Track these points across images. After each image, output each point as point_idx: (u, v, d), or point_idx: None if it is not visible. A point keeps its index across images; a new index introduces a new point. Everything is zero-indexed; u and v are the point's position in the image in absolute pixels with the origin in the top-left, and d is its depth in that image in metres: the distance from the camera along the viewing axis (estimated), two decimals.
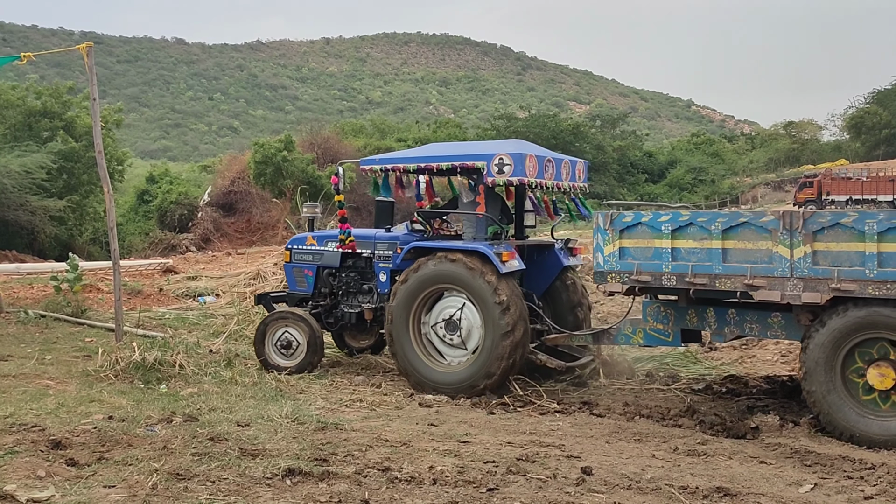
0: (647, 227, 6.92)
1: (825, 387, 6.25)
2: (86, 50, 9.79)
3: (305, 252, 9.40)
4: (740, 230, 6.53)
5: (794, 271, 6.26)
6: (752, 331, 7.03)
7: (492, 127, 63.25)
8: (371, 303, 8.87)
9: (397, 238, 8.73)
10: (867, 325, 6.12)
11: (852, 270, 6.06)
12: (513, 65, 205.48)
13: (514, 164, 7.68)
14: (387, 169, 8.46)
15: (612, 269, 7.05)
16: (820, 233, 6.21)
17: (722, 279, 6.55)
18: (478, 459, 5.50)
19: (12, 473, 4.87)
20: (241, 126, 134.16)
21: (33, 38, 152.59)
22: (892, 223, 5.95)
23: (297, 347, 8.79)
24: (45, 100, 33.84)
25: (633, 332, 7.60)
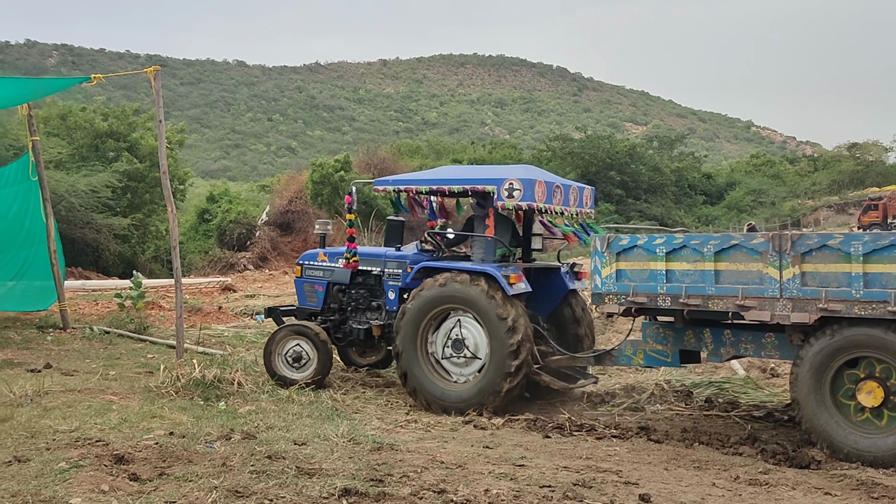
0: (642, 250, 7.11)
1: (815, 405, 6.38)
2: (153, 73, 10.06)
3: (316, 268, 9.58)
4: (732, 252, 6.70)
5: (783, 292, 6.42)
6: (748, 351, 7.18)
7: (547, 148, 63.09)
8: (379, 319, 9.08)
9: (407, 257, 8.95)
10: (854, 345, 6.24)
11: (839, 291, 6.20)
12: (569, 85, 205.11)
13: (523, 189, 7.86)
14: (399, 190, 8.69)
15: (609, 290, 7.23)
16: (808, 254, 6.36)
17: (714, 300, 6.72)
18: (534, 483, 5.45)
19: (77, 487, 4.99)
20: (298, 146, 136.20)
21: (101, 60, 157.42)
22: (876, 245, 6.09)
23: (306, 361, 8.91)
24: (111, 121, 34.87)
25: (633, 353, 7.75)
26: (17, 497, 4.79)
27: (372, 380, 9.56)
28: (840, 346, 6.30)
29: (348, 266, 9.06)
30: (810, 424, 6.46)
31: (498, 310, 7.67)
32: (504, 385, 7.69)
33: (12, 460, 5.56)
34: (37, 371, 9.40)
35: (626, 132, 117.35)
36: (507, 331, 7.62)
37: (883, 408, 6.22)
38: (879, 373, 6.24)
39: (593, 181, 55.40)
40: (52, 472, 5.28)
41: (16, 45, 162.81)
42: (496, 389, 7.72)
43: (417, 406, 8.14)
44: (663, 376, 9.40)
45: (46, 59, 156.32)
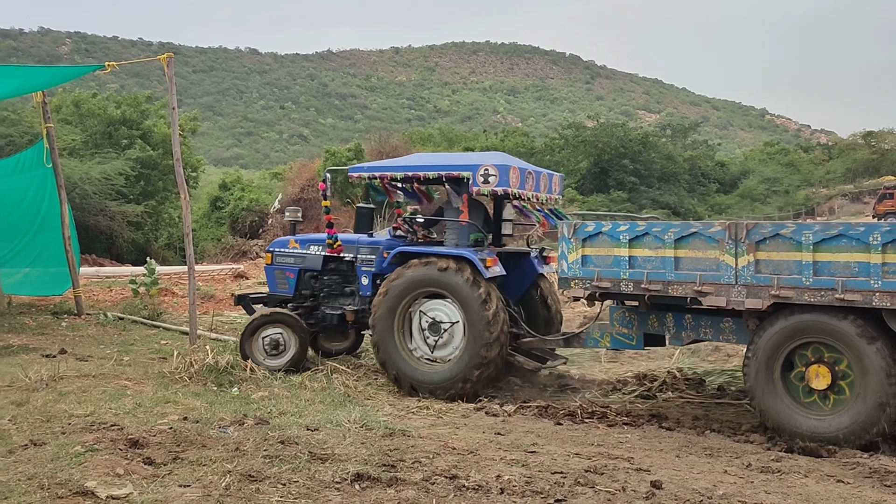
0: (607, 237, 7.34)
1: (768, 389, 6.62)
2: (166, 60, 10.08)
3: (287, 255, 9.62)
4: (691, 240, 6.93)
5: (738, 279, 6.66)
6: (707, 335, 7.42)
7: (559, 136, 62.92)
8: (353, 305, 9.13)
9: (380, 243, 9.05)
10: (804, 330, 6.48)
11: (791, 278, 6.44)
12: (581, 73, 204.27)
13: (498, 175, 7.98)
14: (374, 177, 8.74)
15: (575, 275, 7.47)
16: (762, 243, 6.58)
17: (674, 286, 6.95)
18: (545, 470, 5.47)
19: (92, 471, 5.03)
20: (311, 134, 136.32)
21: (114, 48, 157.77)
22: (826, 235, 6.32)
23: (284, 348, 8.93)
24: (124, 109, 35.00)
25: (600, 336, 7.98)
26: (34, 480, 4.84)
27: None
28: (791, 331, 6.52)
29: (333, 251, 9.12)
30: (761, 405, 6.67)
31: (475, 293, 7.83)
32: (482, 366, 7.87)
33: (28, 444, 5.61)
34: (52, 356, 9.48)
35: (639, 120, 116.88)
36: (484, 313, 7.80)
37: (829, 391, 6.45)
38: (827, 357, 6.45)
39: (606, 169, 55.33)
40: (68, 456, 5.32)
41: (29, 33, 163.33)
42: (475, 370, 7.89)
43: (400, 390, 8.22)
44: (675, 364, 9.41)
45: (59, 46, 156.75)
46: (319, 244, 9.42)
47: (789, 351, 6.58)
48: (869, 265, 6.14)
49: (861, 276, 6.18)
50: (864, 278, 6.16)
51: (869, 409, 6.19)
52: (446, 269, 7.97)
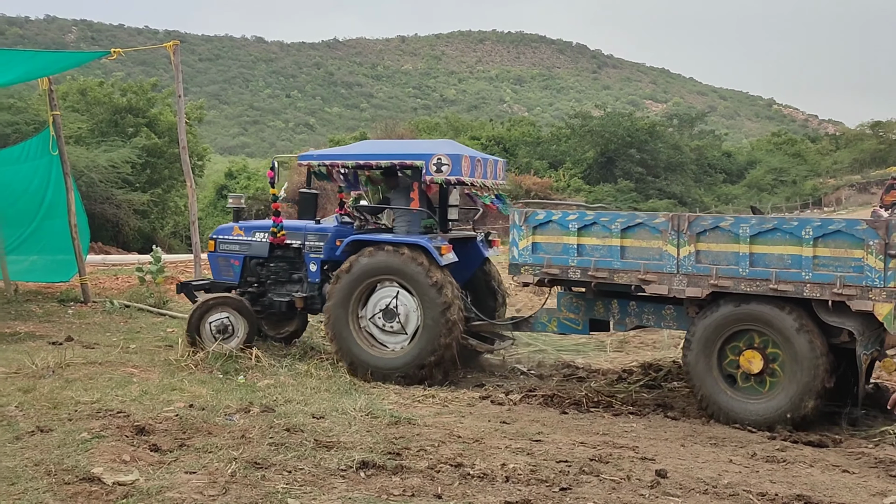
0: (556, 225, 7.55)
1: (704, 372, 6.89)
2: (172, 48, 10.10)
3: (232, 242, 9.55)
4: (636, 230, 7.18)
5: (679, 268, 6.93)
6: (650, 321, 7.71)
7: (566, 125, 62.75)
8: (302, 291, 9.11)
9: (328, 230, 9.06)
10: (740, 318, 6.75)
11: (728, 269, 6.73)
12: (588, 63, 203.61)
13: (451, 164, 8.09)
14: (325, 164, 8.74)
15: (525, 261, 7.68)
16: (703, 234, 6.86)
17: (620, 273, 7.20)
18: (550, 458, 5.48)
19: (99, 457, 5.05)
20: (316, 123, 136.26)
21: (120, 36, 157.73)
22: (762, 228, 6.62)
23: (232, 332, 8.87)
24: (130, 97, 34.96)
25: (548, 321, 8.20)
26: (41, 466, 4.86)
27: None
28: (728, 319, 6.79)
29: (275, 240, 9.10)
30: (699, 389, 6.94)
31: (430, 280, 7.92)
32: (439, 351, 7.99)
33: (35, 430, 5.64)
34: (58, 344, 9.51)
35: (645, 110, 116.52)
36: (440, 300, 7.91)
37: (762, 376, 6.76)
38: (760, 344, 6.75)
39: (613, 159, 55.21)
40: (75, 443, 5.35)
41: (36, 21, 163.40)
42: (431, 355, 8.00)
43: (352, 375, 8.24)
44: (681, 354, 9.39)
45: (66, 34, 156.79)
46: (265, 231, 9.37)
47: (726, 337, 6.85)
48: (801, 258, 6.44)
49: (793, 268, 6.48)
50: (796, 270, 6.46)
51: (798, 393, 6.50)
52: (402, 256, 8.04)
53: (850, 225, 6.32)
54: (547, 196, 44.56)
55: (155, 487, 4.56)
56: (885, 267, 6.14)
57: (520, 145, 57.16)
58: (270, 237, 9.14)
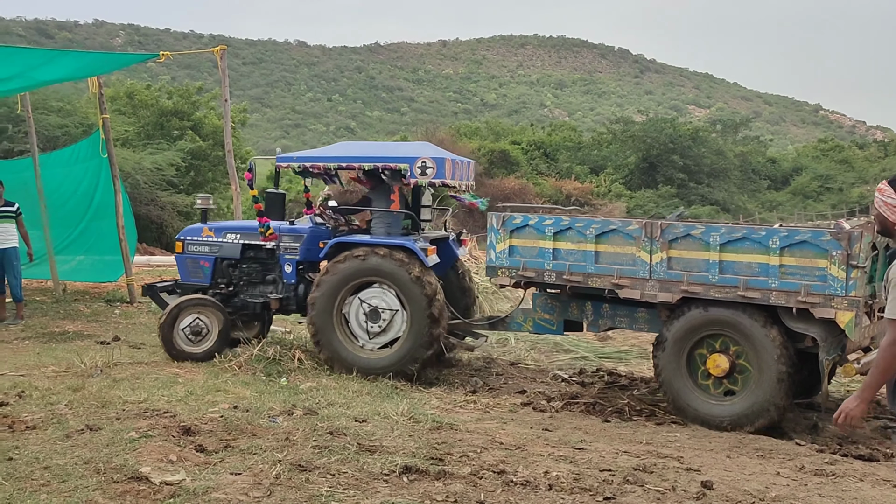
0: (533, 229, 7.71)
1: (674, 374, 7.08)
2: (219, 53, 10.24)
3: (201, 243, 9.42)
4: (610, 236, 7.37)
5: (652, 273, 7.13)
6: (622, 323, 7.91)
7: (607, 130, 62.38)
8: (277, 293, 9.08)
9: (304, 230, 9.03)
10: (709, 323, 6.98)
11: (699, 275, 6.94)
12: (630, 67, 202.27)
13: (436, 167, 8.23)
14: (305, 167, 8.75)
15: (502, 264, 7.85)
16: (675, 241, 7.06)
17: (594, 278, 7.40)
18: (593, 467, 5.43)
19: (146, 456, 5.12)
20: (357, 127, 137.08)
21: (166, 40, 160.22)
22: (731, 237, 6.84)
23: (206, 335, 8.78)
24: (175, 100, 35.48)
25: (524, 321, 8.37)
26: (90, 464, 4.94)
27: None
28: (698, 323, 7.01)
29: (266, 239, 9.02)
30: (669, 391, 7.15)
31: (417, 281, 8.01)
32: (425, 351, 8.09)
33: (84, 429, 5.73)
34: (105, 343, 9.68)
35: (688, 115, 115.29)
36: (426, 300, 8.00)
37: (729, 378, 6.96)
38: (728, 348, 6.96)
39: (654, 164, 54.75)
40: (123, 441, 5.43)
41: (84, 25, 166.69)
42: (417, 355, 8.10)
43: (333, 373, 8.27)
44: None
45: (113, 38, 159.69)
46: (237, 232, 9.31)
47: (695, 341, 7.07)
48: (768, 266, 6.68)
49: (761, 275, 6.71)
50: (763, 278, 6.70)
51: (763, 397, 6.72)
52: (388, 258, 8.10)
53: (815, 236, 6.58)
54: (588, 202, 44.35)
55: (201, 488, 4.61)
56: (847, 277, 6.39)
57: (561, 150, 56.95)
58: (261, 237, 9.01)
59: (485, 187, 40.08)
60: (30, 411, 6.27)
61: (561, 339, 10.55)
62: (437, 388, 8.17)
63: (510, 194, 39.77)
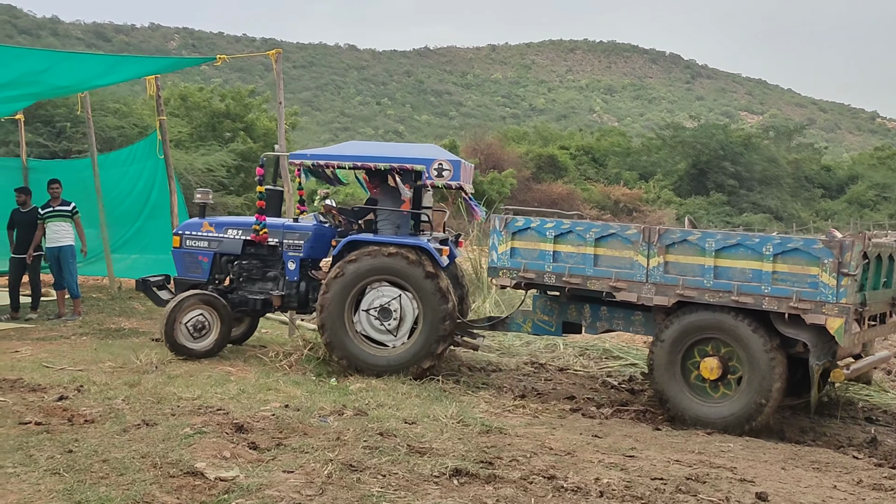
0: (534, 232, 7.89)
1: (667, 376, 7.22)
2: (274, 56, 10.36)
3: (200, 238, 9.34)
4: (609, 240, 7.53)
5: (649, 277, 7.29)
6: (619, 326, 8.09)
7: (657, 136, 61.75)
8: (278, 290, 9.05)
9: (308, 228, 9.06)
10: (703, 327, 7.13)
11: (694, 280, 7.10)
12: (681, 73, 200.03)
13: (452, 170, 8.35)
14: (319, 165, 8.72)
15: (503, 265, 8.01)
16: (671, 246, 7.22)
17: (592, 280, 7.56)
18: (645, 475, 5.38)
19: (201, 452, 5.20)
20: (405, 131, 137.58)
21: (219, 44, 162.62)
22: (727, 243, 7.01)
23: (208, 331, 8.74)
24: (228, 102, 36.01)
25: (523, 322, 8.56)
26: (147, 458, 5.04)
27: (478, 363, 9.62)
28: (692, 327, 7.16)
29: (258, 238, 9.00)
30: (662, 392, 7.27)
31: (431, 280, 8.14)
32: (438, 348, 8.21)
33: (141, 423, 5.84)
34: (160, 340, 9.83)
35: (740, 121, 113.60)
36: (440, 299, 8.14)
37: (721, 382, 7.09)
38: (721, 351, 7.11)
39: (705, 171, 54.06)
40: (178, 437, 5.52)
41: (141, 28, 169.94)
42: (430, 353, 8.20)
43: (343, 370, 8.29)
44: None
45: (168, 41, 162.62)
46: (238, 228, 9.25)
47: (689, 344, 7.20)
48: (761, 272, 6.84)
49: (754, 281, 6.87)
50: (756, 284, 6.86)
51: (755, 400, 6.85)
52: (404, 257, 8.16)
53: (808, 244, 6.75)
54: (636, 208, 43.93)
55: (255, 484, 4.66)
56: (838, 284, 6.55)
57: (609, 156, 56.54)
58: (252, 235, 8.99)
59: (532, 192, 39.98)
60: (88, 405, 6.42)
61: (611, 346, 10.49)
62: (485, 391, 8.17)
63: (557, 199, 39.57)
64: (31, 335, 10.08)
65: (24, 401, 6.53)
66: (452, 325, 8.24)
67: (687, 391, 7.20)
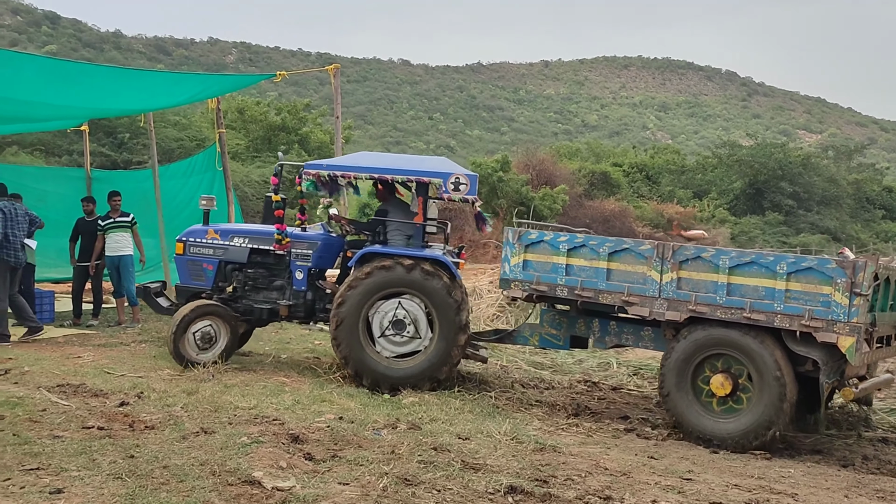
0: (547, 245, 7.99)
1: (677, 391, 7.25)
2: (332, 71, 10.53)
3: (205, 245, 9.18)
4: (623, 255, 7.62)
5: (661, 293, 7.38)
6: (628, 341, 8.14)
7: (713, 154, 60.93)
8: (286, 299, 8.97)
9: (317, 238, 9.03)
10: (714, 343, 7.18)
11: (706, 296, 7.18)
12: (738, 90, 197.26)
13: (469, 184, 8.38)
14: (335, 175, 8.62)
15: (515, 277, 8.12)
16: (685, 263, 7.32)
17: (605, 294, 7.65)
18: (703, 499, 5.29)
19: (258, 461, 5.25)
20: (457, 145, 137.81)
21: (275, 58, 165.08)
22: (741, 261, 7.08)
23: (215, 342, 8.65)
24: (284, 116, 36.56)
25: (530, 335, 8.68)
26: (205, 466, 5.10)
27: (531, 380, 9.57)
28: (703, 342, 7.21)
29: (280, 248, 8.93)
30: (673, 409, 7.31)
31: (448, 291, 8.19)
32: (453, 360, 8.28)
33: (199, 431, 5.92)
34: None
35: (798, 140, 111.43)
36: (457, 311, 8.20)
37: (731, 398, 7.12)
38: (731, 368, 7.16)
39: (761, 190, 53.15)
40: (235, 445, 5.58)
41: (200, 43, 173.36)
42: (444, 364, 8.24)
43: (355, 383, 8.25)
44: (839, 399, 8.91)
45: (226, 56, 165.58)
46: (245, 236, 9.14)
47: (700, 360, 7.24)
48: (774, 290, 6.91)
49: (766, 299, 6.94)
50: (769, 301, 6.93)
51: (766, 415, 6.87)
52: (421, 270, 8.18)
53: (821, 263, 6.81)
54: (690, 226, 43.36)
55: (311, 495, 4.69)
56: (850, 303, 6.61)
57: (663, 173, 55.91)
58: (275, 245, 8.92)
59: (584, 209, 39.67)
60: (148, 412, 6.53)
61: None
62: (538, 409, 8.12)
63: (610, 217, 39.20)
64: (92, 341, 10.31)
65: (86, 405, 6.67)
66: (466, 338, 8.27)
67: (698, 407, 7.23)
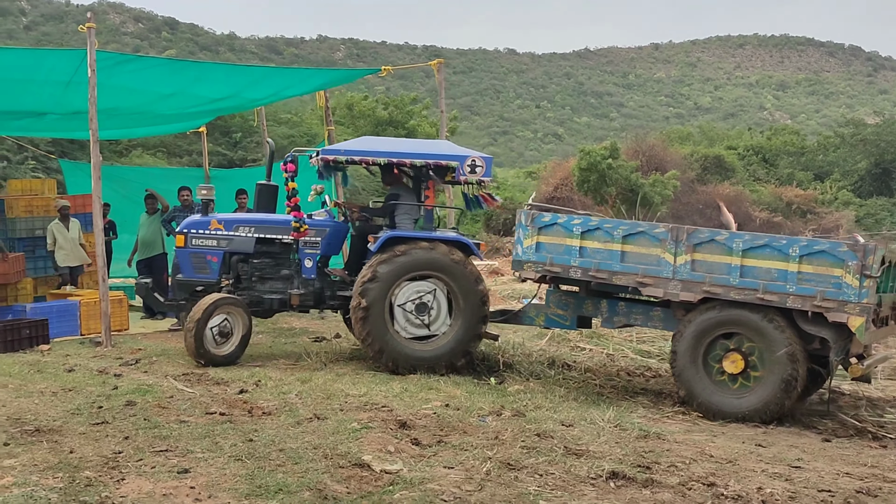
0: (561, 227, 8.12)
1: (690, 369, 7.42)
2: (436, 66, 10.73)
3: (209, 237, 8.98)
4: (637, 237, 7.76)
5: (675, 274, 7.53)
6: (637, 321, 8.35)
7: (835, 134, 58.34)
8: (296, 289, 8.90)
9: (326, 224, 8.98)
10: (727, 322, 7.36)
11: (720, 278, 7.35)
12: (862, 65, 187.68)
13: (485, 166, 8.53)
14: (352, 160, 8.59)
15: (528, 259, 8.23)
16: (699, 245, 7.48)
17: (619, 276, 7.80)
18: (811, 487, 5.22)
19: (367, 446, 5.51)
20: (565, 133, 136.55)
21: (382, 52, 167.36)
22: (754, 244, 7.26)
23: (231, 337, 8.53)
24: (391, 110, 37.19)
25: (536, 315, 8.84)
26: (318, 450, 5.39)
27: (637, 368, 9.54)
28: (717, 322, 7.38)
29: (298, 235, 8.86)
30: (685, 387, 7.47)
31: (472, 275, 8.37)
32: (475, 342, 8.49)
33: (313, 417, 6.24)
34: (328, 340, 10.37)
35: None
36: (479, 294, 8.36)
37: (741, 376, 7.28)
38: (744, 347, 7.30)
39: (889, 170, 50.55)
40: (346, 431, 5.86)
41: (309, 41, 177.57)
42: (468, 347, 8.43)
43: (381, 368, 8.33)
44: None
45: (335, 52, 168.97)
46: (250, 225, 9.04)
47: (712, 339, 7.41)
48: (787, 272, 7.08)
49: (779, 280, 7.11)
50: (781, 283, 7.10)
51: (776, 392, 7.08)
52: (444, 253, 8.30)
53: (833, 247, 7.00)
54: (811, 209, 41.75)
55: (417, 478, 4.90)
56: (861, 285, 6.80)
57: (781, 155, 53.90)
58: (293, 233, 8.85)
59: (697, 194, 38.74)
60: (265, 399, 6.91)
61: None
62: (643, 397, 8.12)
63: (724, 201, 38.15)
64: None
65: (209, 393, 7.11)
66: (486, 319, 8.47)
67: (709, 384, 7.38)
